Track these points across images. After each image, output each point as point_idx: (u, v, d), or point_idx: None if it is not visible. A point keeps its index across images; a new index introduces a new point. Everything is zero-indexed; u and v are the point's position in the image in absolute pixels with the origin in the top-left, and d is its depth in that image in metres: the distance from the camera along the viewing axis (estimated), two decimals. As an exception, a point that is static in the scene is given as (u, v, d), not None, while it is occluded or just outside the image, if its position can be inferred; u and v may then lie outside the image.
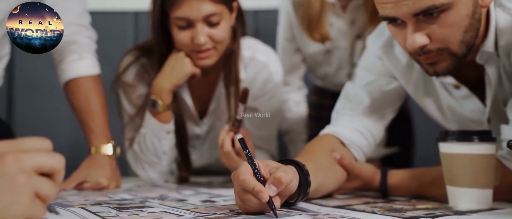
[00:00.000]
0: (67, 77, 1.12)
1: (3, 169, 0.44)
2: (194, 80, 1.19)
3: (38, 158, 0.46)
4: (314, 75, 1.62)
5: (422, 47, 0.79)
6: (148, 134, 1.17)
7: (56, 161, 0.47)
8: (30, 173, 0.45)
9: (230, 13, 1.16)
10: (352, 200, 0.87)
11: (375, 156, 1.43)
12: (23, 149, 0.46)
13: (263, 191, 0.64)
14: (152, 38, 1.19)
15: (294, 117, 1.54)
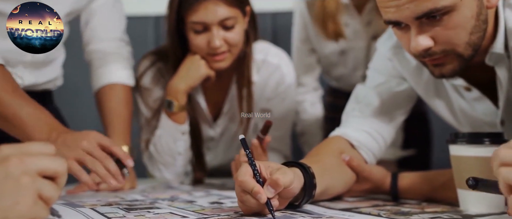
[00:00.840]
0: (105, 81, 1.18)
1: (8, 170, 0.46)
2: (208, 82, 1.22)
3: (41, 161, 0.48)
4: (329, 77, 1.62)
5: (426, 50, 0.78)
6: (163, 135, 1.19)
7: (58, 165, 0.49)
8: (33, 175, 0.47)
9: (244, 17, 1.18)
10: (361, 203, 0.86)
11: (391, 158, 1.42)
12: (27, 152, 0.48)
13: (261, 192, 0.66)
14: (168, 42, 1.22)
15: (310, 118, 1.54)
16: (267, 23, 2.05)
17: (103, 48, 1.19)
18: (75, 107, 1.84)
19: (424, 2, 0.74)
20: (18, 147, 0.49)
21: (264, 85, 1.27)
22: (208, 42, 1.13)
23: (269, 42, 1.35)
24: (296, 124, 1.54)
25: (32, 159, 0.47)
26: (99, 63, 1.20)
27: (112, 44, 1.20)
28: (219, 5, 1.10)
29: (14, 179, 0.46)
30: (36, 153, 0.49)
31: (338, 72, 1.55)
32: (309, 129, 1.54)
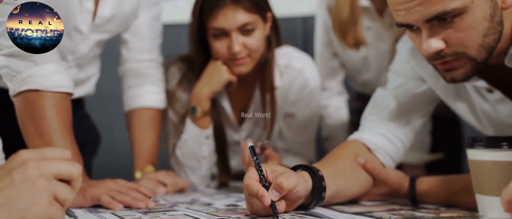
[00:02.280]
0: (137, 104, 1.24)
1: (26, 173, 0.50)
2: (231, 87, 1.25)
3: (57, 165, 0.51)
4: (355, 82, 1.60)
5: (438, 52, 0.77)
6: (188, 140, 1.23)
7: (74, 169, 0.52)
8: (49, 178, 0.50)
9: (264, 22, 1.20)
10: (376, 207, 0.86)
11: (417, 162, 1.39)
12: (44, 157, 0.52)
13: (265, 195, 0.69)
14: (191, 48, 1.27)
15: (335, 123, 1.54)
16: (298, 28, 2.07)
17: (138, 69, 1.24)
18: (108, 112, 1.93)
19: (434, 5, 0.73)
20: (36, 152, 0.52)
21: (288, 89, 1.29)
22: (228, 48, 1.16)
23: (300, 46, 1.37)
24: (321, 128, 1.54)
25: (49, 163, 0.51)
26: (132, 82, 1.25)
27: (148, 65, 1.25)
28: (238, 11, 1.13)
29: (31, 182, 0.49)
30: (53, 157, 0.52)
31: (363, 77, 1.53)
32: (334, 133, 1.53)
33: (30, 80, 0.91)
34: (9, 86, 0.93)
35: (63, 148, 0.55)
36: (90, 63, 1.21)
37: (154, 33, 1.25)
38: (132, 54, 1.24)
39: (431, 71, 0.96)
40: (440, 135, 1.42)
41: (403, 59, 1.01)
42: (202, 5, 1.17)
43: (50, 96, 0.92)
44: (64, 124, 0.92)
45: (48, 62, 0.93)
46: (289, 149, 1.30)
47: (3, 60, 0.92)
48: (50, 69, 0.93)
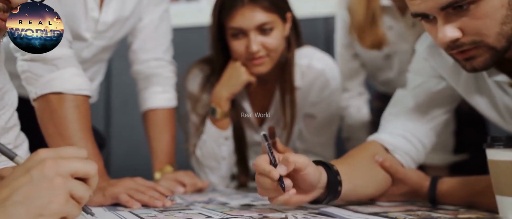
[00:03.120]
0: (147, 106, 1.27)
1: (43, 172, 0.51)
2: (251, 88, 1.25)
3: (74, 163, 0.53)
4: (376, 81, 1.58)
5: (454, 41, 0.76)
6: (208, 140, 1.25)
7: (90, 167, 0.53)
8: (66, 176, 0.52)
9: (283, 23, 1.20)
10: (393, 208, 0.85)
11: (441, 163, 1.36)
12: (62, 156, 0.54)
13: (272, 170, 0.73)
14: (211, 49, 1.28)
15: (356, 124, 1.52)
16: (320, 28, 2.05)
17: (144, 70, 1.27)
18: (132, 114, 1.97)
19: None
20: (54, 151, 0.54)
21: (309, 90, 1.29)
22: (246, 47, 1.17)
23: (322, 47, 1.36)
24: (341, 129, 1.53)
25: (66, 161, 0.52)
26: (142, 84, 1.28)
27: (152, 64, 1.26)
28: (256, 11, 1.14)
29: (48, 180, 0.51)
30: (70, 156, 0.54)
31: (384, 76, 1.51)
32: (355, 134, 1.52)
33: (53, 84, 0.95)
34: (29, 90, 0.97)
35: (80, 147, 0.56)
36: (92, 67, 1.23)
37: (159, 32, 1.26)
38: (137, 56, 1.26)
39: (450, 68, 0.95)
40: (465, 135, 1.38)
41: (422, 57, 1.00)
42: (221, 6, 1.18)
43: (71, 98, 0.95)
44: (84, 125, 0.95)
45: (69, 66, 0.97)
46: (308, 149, 1.30)
47: (25, 64, 0.96)
48: (71, 73, 0.96)
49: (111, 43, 1.21)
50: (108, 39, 1.17)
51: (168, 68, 1.29)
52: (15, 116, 0.88)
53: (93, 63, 1.23)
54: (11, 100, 0.87)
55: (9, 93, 0.87)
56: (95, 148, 0.96)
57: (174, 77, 1.31)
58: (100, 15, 1.11)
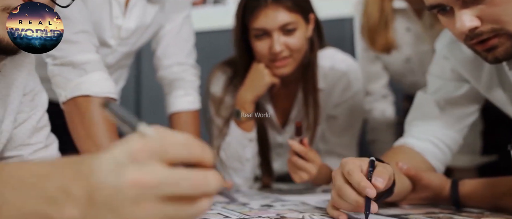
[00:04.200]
0: (171, 110, 1.30)
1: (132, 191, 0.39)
2: (274, 89, 1.26)
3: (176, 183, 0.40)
4: (402, 85, 1.56)
5: (473, 30, 0.74)
6: (232, 142, 1.26)
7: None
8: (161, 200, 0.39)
9: (306, 23, 1.21)
10: (414, 210, 0.84)
11: (468, 166, 1.33)
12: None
13: (370, 187, 0.65)
14: (235, 51, 1.29)
15: (380, 126, 1.50)
16: (346, 29, 2.04)
17: (168, 75, 1.30)
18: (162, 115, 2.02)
19: None
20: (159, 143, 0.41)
21: (331, 91, 1.28)
22: (269, 48, 1.17)
23: (348, 48, 1.36)
24: (366, 132, 1.52)
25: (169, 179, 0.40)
26: (166, 89, 1.31)
27: (175, 69, 1.29)
28: (279, 11, 1.14)
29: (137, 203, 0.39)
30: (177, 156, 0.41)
31: (408, 79, 1.49)
32: (380, 136, 1.50)
33: (81, 87, 0.99)
34: (59, 93, 1.01)
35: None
36: (115, 72, 1.27)
37: (181, 38, 1.29)
38: (161, 62, 1.29)
39: (472, 64, 0.92)
40: (493, 136, 1.34)
41: (442, 56, 0.99)
42: (245, 7, 1.19)
43: (99, 101, 0.98)
44: (111, 126, 0.99)
45: (96, 70, 1.01)
46: (331, 150, 1.30)
47: (55, 69, 1.00)
48: (98, 77, 1.00)
49: (133, 50, 1.25)
50: (131, 45, 1.21)
51: (191, 72, 1.32)
52: (46, 116, 0.92)
53: (116, 69, 1.27)
54: (41, 101, 0.91)
55: (40, 95, 0.91)
56: None
57: (197, 81, 1.34)
58: (123, 22, 1.15)
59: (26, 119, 0.87)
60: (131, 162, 0.39)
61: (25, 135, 0.87)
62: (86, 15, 1.03)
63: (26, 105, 0.86)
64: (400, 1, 1.37)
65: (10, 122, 0.82)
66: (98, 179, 0.39)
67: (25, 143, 0.87)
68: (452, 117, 0.98)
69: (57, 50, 0.99)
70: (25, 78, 0.85)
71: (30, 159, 0.88)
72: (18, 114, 0.84)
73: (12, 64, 0.80)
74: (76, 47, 1.00)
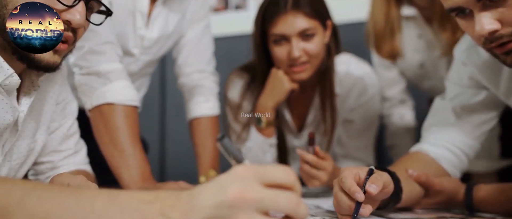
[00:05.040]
0: (191, 115, 1.35)
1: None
2: (293, 94, 1.28)
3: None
4: (421, 89, 1.56)
5: (493, 33, 0.73)
6: (253, 148, 1.29)
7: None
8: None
9: (324, 30, 1.23)
10: (425, 215, 0.85)
11: (487, 171, 1.32)
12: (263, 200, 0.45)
13: (359, 191, 0.70)
14: (254, 57, 1.32)
15: (399, 131, 1.51)
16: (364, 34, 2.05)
17: (188, 82, 1.34)
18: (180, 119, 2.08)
19: None
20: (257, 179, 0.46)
21: (347, 96, 1.30)
22: (288, 53, 1.19)
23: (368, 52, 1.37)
24: (385, 137, 1.53)
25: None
26: (187, 96, 1.36)
27: (195, 77, 1.34)
28: (298, 17, 1.16)
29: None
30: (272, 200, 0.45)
31: (425, 84, 1.49)
32: (399, 141, 1.50)
33: (106, 95, 1.04)
34: (85, 102, 1.07)
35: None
36: (138, 80, 1.33)
37: (201, 46, 1.33)
38: (181, 70, 1.34)
39: (490, 68, 0.92)
40: (511, 140, 1.33)
41: (460, 62, 0.99)
42: (264, 13, 1.21)
43: (121, 109, 1.04)
44: (133, 133, 1.04)
45: (119, 79, 1.06)
46: (348, 154, 1.32)
47: (82, 78, 1.06)
48: (122, 85, 1.06)
49: (156, 58, 1.31)
50: (153, 54, 1.27)
51: (210, 79, 1.36)
52: (75, 124, 0.99)
53: (140, 76, 1.32)
54: (72, 110, 0.97)
55: (70, 103, 0.97)
56: (142, 153, 1.04)
57: (216, 87, 1.38)
58: (146, 32, 1.20)
59: (58, 127, 0.93)
60: (234, 181, 0.45)
61: (57, 142, 0.93)
62: (110, 27, 1.08)
63: (58, 114, 0.92)
64: (410, 8, 1.37)
65: (43, 131, 0.88)
66: (197, 202, 0.45)
67: (56, 149, 0.93)
68: (469, 123, 0.98)
69: (84, 61, 1.05)
70: (58, 89, 0.91)
71: (60, 164, 0.94)
72: (50, 122, 0.91)
73: (47, 78, 0.86)
74: (101, 58, 1.06)
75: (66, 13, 0.74)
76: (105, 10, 0.84)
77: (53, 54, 0.75)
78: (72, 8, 0.74)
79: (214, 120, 1.34)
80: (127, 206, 0.46)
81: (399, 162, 0.99)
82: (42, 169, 0.93)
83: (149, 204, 0.46)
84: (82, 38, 0.83)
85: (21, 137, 0.83)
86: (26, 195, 0.46)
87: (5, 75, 0.73)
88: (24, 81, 0.80)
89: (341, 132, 1.33)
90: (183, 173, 1.84)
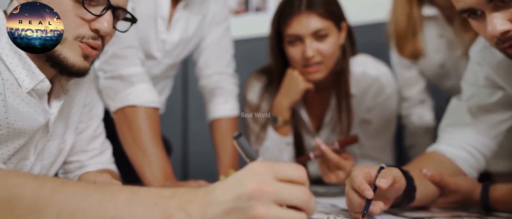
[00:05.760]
0: (212, 116, 1.39)
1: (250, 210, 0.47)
2: (308, 95, 1.31)
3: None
4: (441, 88, 1.55)
5: (504, 33, 0.74)
6: (270, 147, 1.33)
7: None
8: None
9: (338, 31, 1.25)
10: (440, 213, 0.86)
11: (507, 170, 1.31)
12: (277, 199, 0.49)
13: (369, 189, 0.71)
14: (270, 58, 1.35)
15: (418, 131, 1.51)
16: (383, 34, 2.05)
17: (209, 84, 1.39)
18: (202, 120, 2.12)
19: None
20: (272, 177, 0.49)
21: (363, 96, 1.32)
22: (302, 53, 1.21)
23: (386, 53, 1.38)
24: (404, 137, 1.53)
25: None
26: (207, 97, 1.40)
27: (215, 78, 1.38)
28: (312, 18, 1.19)
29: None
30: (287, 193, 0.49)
31: (445, 84, 1.48)
32: (418, 141, 1.50)
33: (128, 98, 1.09)
34: (109, 104, 1.12)
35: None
36: (161, 82, 1.37)
37: (220, 49, 1.37)
38: (202, 72, 1.38)
39: (505, 68, 0.93)
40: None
41: (475, 63, 0.99)
42: (280, 15, 1.24)
43: (143, 110, 1.09)
44: (155, 133, 1.09)
45: (141, 82, 1.11)
46: (366, 154, 1.33)
47: (106, 82, 1.11)
48: (143, 88, 1.10)
49: (177, 61, 1.35)
50: (175, 57, 1.31)
51: (230, 81, 1.40)
52: (101, 125, 1.04)
53: (162, 79, 1.37)
54: (98, 111, 1.02)
55: (96, 106, 1.02)
56: (164, 153, 1.08)
57: (236, 89, 1.41)
58: (167, 36, 1.25)
59: (85, 128, 0.98)
60: (251, 175, 0.48)
61: (84, 142, 0.98)
62: (133, 32, 1.13)
63: (85, 116, 0.97)
64: (431, 8, 1.37)
65: (72, 131, 0.94)
66: (214, 197, 0.49)
67: (83, 149, 0.98)
68: (485, 123, 0.99)
69: (108, 65, 1.11)
70: (85, 93, 0.96)
71: (88, 163, 0.99)
72: (78, 124, 0.96)
73: (75, 82, 0.92)
74: (124, 62, 1.11)
75: (95, 22, 0.79)
76: (130, 18, 0.88)
77: (84, 60, 0.79)
78: (100, 17, 0.79)
79: (233, 121, 1.37)
80: (148, 201, 0.50)
81: (415, 162, 1.00)
82: (70, 168, 0.99)
83: (168, 199, 0.50)
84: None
85: (52, 138, 0.88)
86: (55, 191, 0.50)
87: (37, 81, 0.78)
88: (55, 86, 0.85)
89: (358, 132, 1.35)
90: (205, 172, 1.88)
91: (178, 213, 0.49)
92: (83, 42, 0.78)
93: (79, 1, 0.77)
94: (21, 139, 0.79)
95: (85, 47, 0.78)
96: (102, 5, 0.79)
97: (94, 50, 0.80)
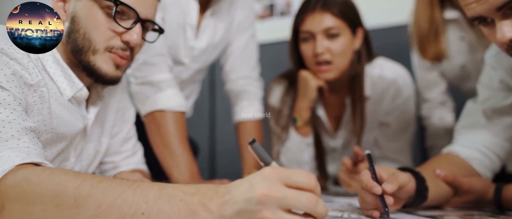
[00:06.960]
0: (237, 119, 1.46)
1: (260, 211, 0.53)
2: (324, 95, 1.35)
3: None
4: (462, 90, 1.56)
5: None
6: (291, 147, 1.37)
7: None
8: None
9: (352, 33, 1.28)
10: (452, 212, 0.89)
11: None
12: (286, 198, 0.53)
13: (375, 185, 0.76)
14: (290, 59, 1.38)
15: (438, 133, 1.52)
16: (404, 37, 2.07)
17: (234, 88, 1.45)
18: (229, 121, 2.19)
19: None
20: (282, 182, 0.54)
21: (381, 99, 1.35)
22: (313, 50, 1.25)
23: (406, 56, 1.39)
24: (425, 138, 1.54)
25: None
26: (233, 100, 1.47)
27: (241, 82, 1.44)
28: (325, 15, 1.24)
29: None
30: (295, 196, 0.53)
31: (466, 86, 1.49)
32: (439, 143, 1.51)
33: (157, 103, 1.17)
34: (139, 109, 1.21)
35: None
36: (189, 86, 1.44)
37: (246, 54, 1.43)
38: (228, 76, 1.45)
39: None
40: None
41: (490, 66, 1.02)
42: (298, 13, 1.30)
43: (171, 114, 1.16)
44: (182, 136, 1.16)
45: (169, 87, 1.19)
46: (385, 156, 1.36)
47: (137, 88, 1.20)
48: (171, 93, 1.18)
49: (205, 66, 1.42)
50: (202, 62, 1.39)
51: (255, 85, 1.46)
52: (133, 128, 1.11)
53: (190, 83, 1.44)
54: (130, 115, 1.10)
55: (129, 110, 1.10)
56: (190, 154, 1.16)
57: (260, 92, 1.47)
58: (195, 43, 1.32)
59: (118, 132, 1.06)
60: (262, 181, 0.53)
61: (117, 145, 1.06)
62: (162, 40, 1.21)
63: (118, 120, 1.06)
64: (452, 11, 1.39)
65: (107, 135, 1.02)
66: (231, 196, 0.54)
67: (117, 151, 1.06)
68: (500, 125, 1.01)
69: (139, 71, 1.19)
70: (118, 98, 1.04)
71: (121, 164, 1.07)
72: (112, 128, 1.04)
73: (110, 89, 1.00)
74: (153, 69, 1.19)
75: (126, 34, 0.86)
76: (158, 29, 0.96)
77: (115, 69, 0.87)
78: (131, 30, 0.86)
79: (258, 123, 1.43)
80: (174, 197, 0.56)
81: (430, 162, 1.03)
82: (105, 168, 1.06)
83: (192, 196, 0.56)
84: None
85: (89, 141, 0.96)
86: (94, 187, 0.57)
87: (76, 89, 0.86)
88: (92, 93, 0.93)
89: (378, 134, 1.38)
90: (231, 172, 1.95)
91: (200, 210, 0.54)
92: (113, 52, 0.85)
93: (111, 16, 0.84)
94: (63, 142, 0.87)
95: (114, 57, 0.85)
96: (132, 18, 0.87)
97: (123, 60, 0.87)
